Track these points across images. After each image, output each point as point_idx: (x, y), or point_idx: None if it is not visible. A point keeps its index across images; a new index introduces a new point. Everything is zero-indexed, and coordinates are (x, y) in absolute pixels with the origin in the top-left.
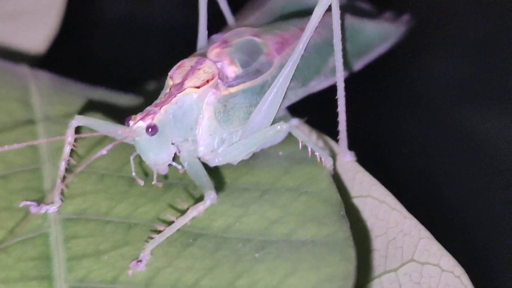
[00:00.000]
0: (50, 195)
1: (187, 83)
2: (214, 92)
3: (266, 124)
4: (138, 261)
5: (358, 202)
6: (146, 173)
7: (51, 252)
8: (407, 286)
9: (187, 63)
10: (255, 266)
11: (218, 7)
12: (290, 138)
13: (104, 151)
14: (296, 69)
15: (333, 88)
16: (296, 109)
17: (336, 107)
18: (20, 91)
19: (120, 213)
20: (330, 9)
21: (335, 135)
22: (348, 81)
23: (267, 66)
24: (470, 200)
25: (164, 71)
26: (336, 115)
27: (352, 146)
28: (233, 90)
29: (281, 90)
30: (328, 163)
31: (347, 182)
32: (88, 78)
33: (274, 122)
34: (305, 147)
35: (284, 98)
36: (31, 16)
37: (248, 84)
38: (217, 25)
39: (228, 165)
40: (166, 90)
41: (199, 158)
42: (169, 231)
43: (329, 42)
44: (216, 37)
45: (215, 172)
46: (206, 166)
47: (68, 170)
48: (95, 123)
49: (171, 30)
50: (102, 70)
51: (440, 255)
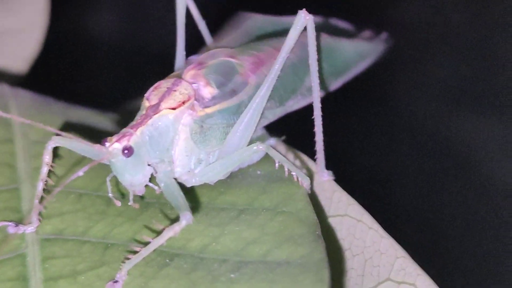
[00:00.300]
0: (28, 215)
1: (163, 105)
2: (190, 113)
3: (243, 144)
4: (115, 281)
5: (336, 221)
6: (123, 193)
7: (28, 273)
8: None
9: (163, 85)
10: (231, 287)
11: (197, 28)
12: (268, 156)
13: (80, 173)
14: (273, 89)
15: (312, 106)
16: (275, 128)
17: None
18: None
19: (97, 233)
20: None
21: (314, 153)
22: (326, 100)
23: (243, 86)
24: (448, 219)
25: (145, 90)
26: (314, 134)
27: (330, 165)
28: (209, 110)
29: (257, 110)
30: (305, 182)
31: (324, 201)
32: (69, 97)
33: (252, 142)
34: (282, 167)
35: (262, 117)
36: (14, 35)
37: (224, 104)
38: (199, 45)
39: (205, 184)
40: (142, 112)
41: (176, 179)
42: (145, 252)
43: (306, 62)
44: (193, 58)
45: (192, 191)
46: (183, 185)
47: (46, 191)
48: (72, 144)
49: (154, 50)
50: (84, 89)
51: (416, 275)
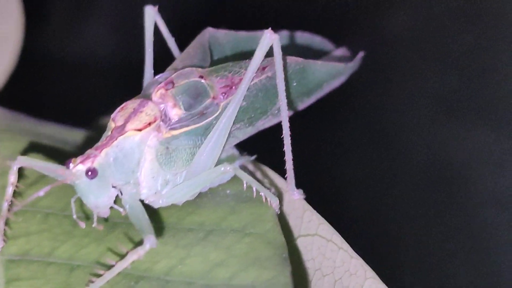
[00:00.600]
0: None
1: (129, 126)
2: (156, 135)
3: (210, 164)
4: None
5: (306, 240)
6: (88, 214)
7: None
8: None
9: (130, 105)
10: None
11: (166, 44)
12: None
13: (41, 193)
14: (242, 110)
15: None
16: (246, 145)
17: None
18: None
19: (63, 254)
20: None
21: (285, 172)
22: (296, 118)
23: (212, 108)
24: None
25: (118, 105)
26: (283, 154)
27: (300, 184)
28: (175, 132)
29: (224, 131)
30: (274, 203)
31: (295, 220)
32: (42, 114)
33: (221, 161)
34: (250, 187)
35: (231, 136)
36: None
37: (192, 126)
38: (169, 61)
39: (173, 204)
40: (108, 133)
41: (143, 201)
42: (109, 275)
43: (275, 82)
44: (160, 76)
45: (160, 211)
46: (151, 206)
47: (11, 211)
48: (37, 164)
49: (127, 65)
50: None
51: None
